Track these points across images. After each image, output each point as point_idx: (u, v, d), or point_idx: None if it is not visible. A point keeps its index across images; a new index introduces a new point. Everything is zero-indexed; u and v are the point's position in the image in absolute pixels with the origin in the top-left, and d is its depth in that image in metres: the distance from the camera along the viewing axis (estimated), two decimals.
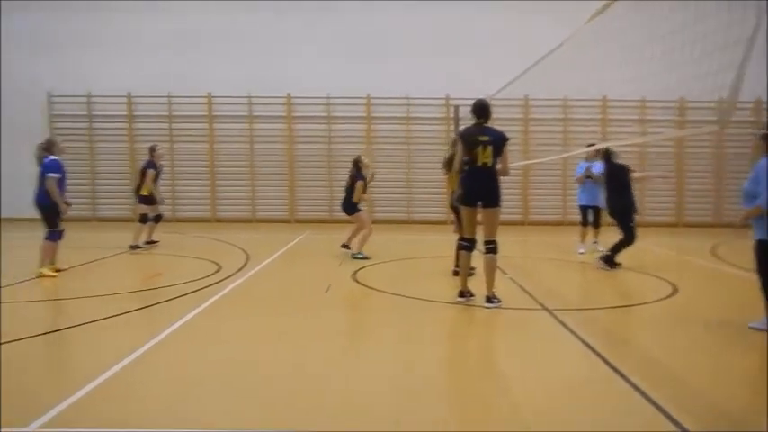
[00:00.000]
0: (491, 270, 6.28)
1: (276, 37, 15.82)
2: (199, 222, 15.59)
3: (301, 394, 3.81)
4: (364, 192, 9.69)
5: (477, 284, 6.55)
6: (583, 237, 10.43)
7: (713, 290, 7.73)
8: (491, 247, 6.27)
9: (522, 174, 15.78)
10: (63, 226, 8.17)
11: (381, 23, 15.70)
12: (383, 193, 15.61)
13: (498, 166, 6.28)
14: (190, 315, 5.76)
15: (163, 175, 16.16)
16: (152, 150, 11.06)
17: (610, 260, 8.54)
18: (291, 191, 16.18)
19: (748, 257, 5.38)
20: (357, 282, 7.66)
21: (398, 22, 15.67)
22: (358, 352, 4.90)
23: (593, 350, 4.76)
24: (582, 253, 10.24)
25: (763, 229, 5.15)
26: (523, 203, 16.06)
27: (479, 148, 6.16)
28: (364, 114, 16.05)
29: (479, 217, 6.34)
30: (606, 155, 8.84)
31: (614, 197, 8.67)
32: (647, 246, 11.13)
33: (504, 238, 6.61)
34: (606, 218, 9.35)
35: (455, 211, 7.52)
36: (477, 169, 6.20)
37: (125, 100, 15.93)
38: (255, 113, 16.09)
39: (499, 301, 6.24)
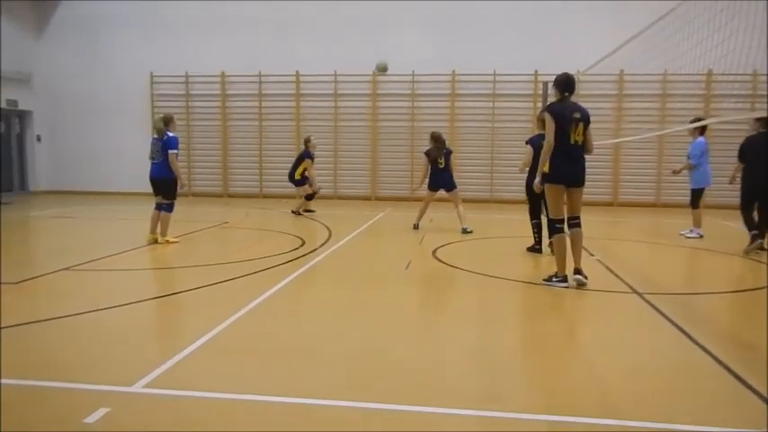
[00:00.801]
0: (580, 244, 6.08)
1: (368, 15, 15.78)
2: (287, 198, 15.97)
3: (382, 369, 3.78)
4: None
5: (547, 265, 6.30)
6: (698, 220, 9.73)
7: None
8: (578, 222, 6.10)
9: (613, 152, 15.06)
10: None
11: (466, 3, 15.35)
12: (467, 171, 15.36)
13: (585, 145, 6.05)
14: (276, 287, 5.88)
15: (250, 152, 16.79)
16: (307, 141, 12.67)
17: None
18: (374, 169, 16.24)
19: None
20: (437, 259, 7.57)
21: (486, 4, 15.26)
22: (439, 330, 4.82)
23: (689, 336, 4.45)
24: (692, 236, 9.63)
25: None
26: (614, 183, 15.34)
27: (572, 126, 5.88)
28: (449, 91, 15.80)
29: (565, 196, 6.10)
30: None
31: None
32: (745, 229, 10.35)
33: (591, 218, 6.31)
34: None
35: (531, 192, 7.21)
36: (570, 147, 5.92)
37: (218, 80, 16.48)
38: (340, 91, 16.20)
39: (586, 278, 5.96)
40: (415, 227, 10.14)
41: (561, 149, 5.93)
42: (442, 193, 10.07)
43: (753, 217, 8.18)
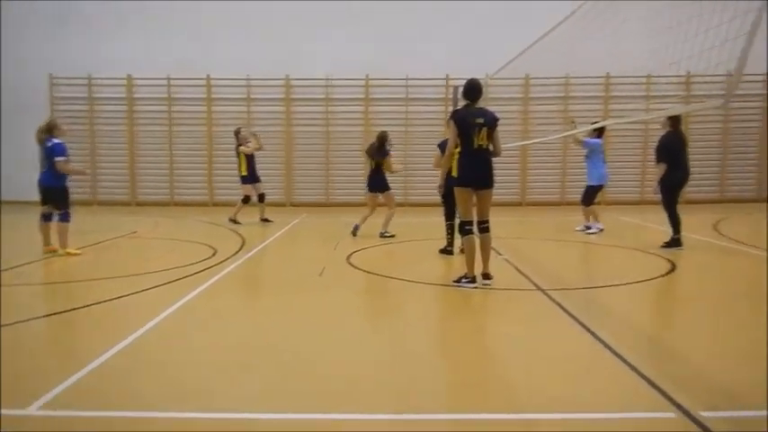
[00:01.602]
0: (488, 248, 6.28)
1: (273, 17, 15.60)
2: (197, 206, 15.52)
3: (296, 377, 3.73)
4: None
5: (459, 266, 6.48)
6: (594, 215, 10.31)
7: (716, 267, 7.63)
8: (486, 227, 6.27)
9: (520, 154, 15.63)
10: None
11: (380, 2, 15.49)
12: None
13: (491, 148, 6.22)
14: (185, 298, 5.69)
15: (160, 158, 16.17)
16: (237, 133, 11.98)
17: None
18: (288, 174, 16.08)
19: (752, 232, 5.28)
20: (351, 265, 7.58)
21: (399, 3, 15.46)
22: (351, 336, 4.82)
23: (588, 329, 4.67)
24: (593, 232, 10.17)
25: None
26: (522, 184, 15.92)
27: (475, 131, 6.07)
28: (363, 96, 15.89)
29: (474, 198, 6.29)
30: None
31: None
32: (647, 224, 11.03)
33: (500, 219, 6.52)
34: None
35: (445, 194, 7.39)
36: (473, 152, 6.12)
37: (124, 82, 15.80)
38: (253, 96, 15.94)
39: (491, 278, 6.23)
40: (354, 233, 9.79)
41: (466, 153, 6.14)
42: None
43: (678, 216, 8.36)
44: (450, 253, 8.11)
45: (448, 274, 6.87)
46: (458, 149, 6.19)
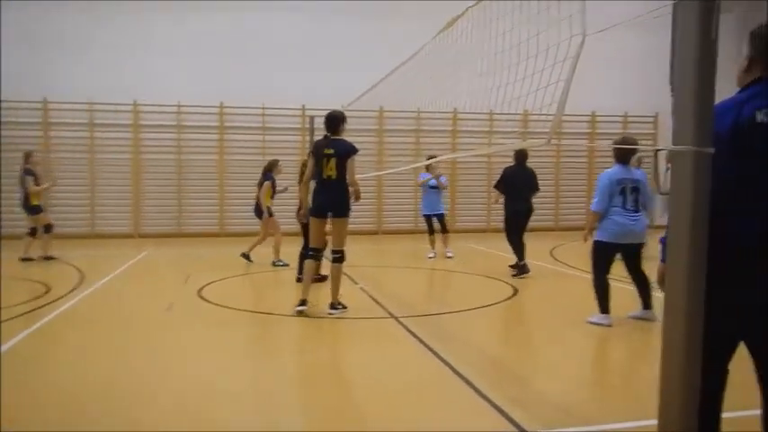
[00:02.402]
0: (336, 278, 6.33)
1: (118, 40, 14.75)
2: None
3: (145, 421, 3.43)
4: None
5: (326, 293, 6.47)
6: (432, 243, 10.86)
7: (552, 290, 8.21)
8: (338, 257, 6.30)
9: (376, 184, 15.99)
10: None
11: (236, 29, 15.27)
12: (236, 204, 15.07)
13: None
14: (11, 343, 5.06)
15: None
16: (27, 157, 10.53)
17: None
18: (136, 204, 15.12)
19: (583, 258, 5.76)
20: (202, 298, 7.23)
21: (254, 29, 15.33)
22: (200, 374, 4.54)
23: (437, 354, 4.81)
24: (431, 258, 10.64)
25: (598, 230, 5.83)
26: (378, 213, 16.27)
27: (324, 161, 6.18)
28: (217, 124, 15.45)
29: (328, 227, 6.34)
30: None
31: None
32: (491, 251, 11.70)
33: (358, 247, 6.57)
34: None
35: (302, 222, 7.53)
36: (323, 182, 6.26)
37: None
38: (97, 121, 14.88)
39: (344, 308, 6.31)
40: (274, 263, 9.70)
41: (317, 183, 6.34)
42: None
43: (521, 243, 8.83)
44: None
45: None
46: None
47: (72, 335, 5.67)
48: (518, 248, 8.82)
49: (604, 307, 5.79)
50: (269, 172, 9.99)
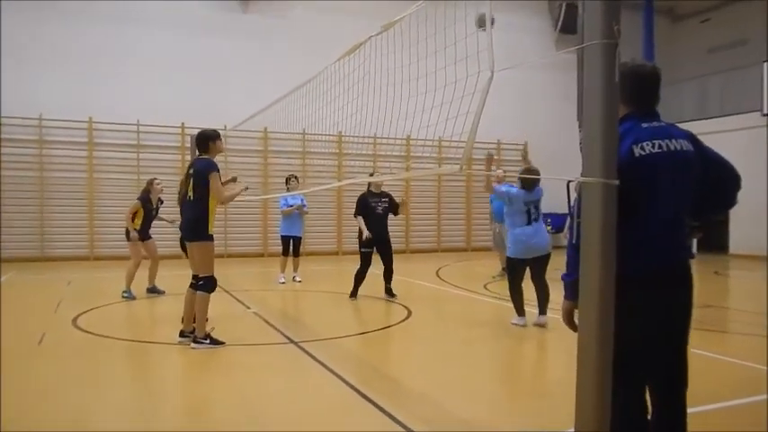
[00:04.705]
0: (197, 308, 5.82)
1: None
2: None
3: None
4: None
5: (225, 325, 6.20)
6: (283, 266, 10.58)
7: (442, 309, 8.49)
8: (199, 284, 5.85)
9: (262, 206, 15.69)
10: None
11: (111, 41, 14.45)
12: (107, 226, 14.12)
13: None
14: None
15: None
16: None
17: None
18: None
19: (465, 278, 5.97)
20: (79, 328, 6.66)
21: (131, 43, 14.60)
22: (85, 413, 4.16)
23: (340, 377, 4.79)
24: (282, 283, 10.40)
25: (509, 248, 6.68)
26: (263, 235, 15.95)
27: (188, 182, 5.96)
28: (86, 140, 14.42)
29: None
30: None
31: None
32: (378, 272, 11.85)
33: (244, 270, 6.36)
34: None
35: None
36: (184, 202, 6.05)
37: None
38: None
39: (213, 342, 5.80)
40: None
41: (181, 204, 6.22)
42: None
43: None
44: None
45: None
46: None
47: None
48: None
49: (519, 310, 6.73)
50: (146, 192, 9.20)
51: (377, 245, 8.68)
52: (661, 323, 2.57)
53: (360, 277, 8.79)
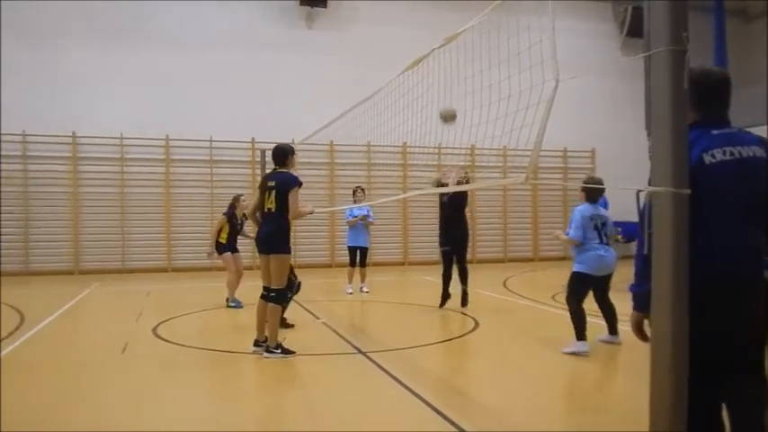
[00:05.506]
0: (268, 317, 5.96)
1: (59, 71, 14.35)
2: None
3: None
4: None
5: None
6: (350, 277, 10.69)
7: (510, 320, 8.36)
8: (271, 296, 6.00)
9: (329, 217, 15.95)
10: None
11: (184, 62, 15.14)
12: (183, 239, 14.76)
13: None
14: None
15: None
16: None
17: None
18: (76, 239, 14.53)
19: (533, 288, 5.89)
20: (159, 337, 6.99)
21: (203, 62, 15.24)
22: (164, 415, 4.38)
23: (409, 389, 4.82)
24: (350, 293, 10.50)
25: (577, 263, 6.14)
26: (331, 245, 16.21)
27: (266, 195, 6.11)
28: (163, 156, 15.14)
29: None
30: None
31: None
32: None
33: (311, 281, 6.47)
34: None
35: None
36: (263, 215, 6.18)
37: None
38: (31, 153, 14.32)
39: (285, 352, 5.92)
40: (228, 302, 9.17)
41: (260, 217, 6.28)
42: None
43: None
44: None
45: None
46: None
47: (17, 381, 5.36)
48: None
49: (581, 334, 5.95)
50: (231, 208, 9.61)
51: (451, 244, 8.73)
52: (728, 337, 2.49)
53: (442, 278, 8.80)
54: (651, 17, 2.52)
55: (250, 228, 8.43)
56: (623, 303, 2.66)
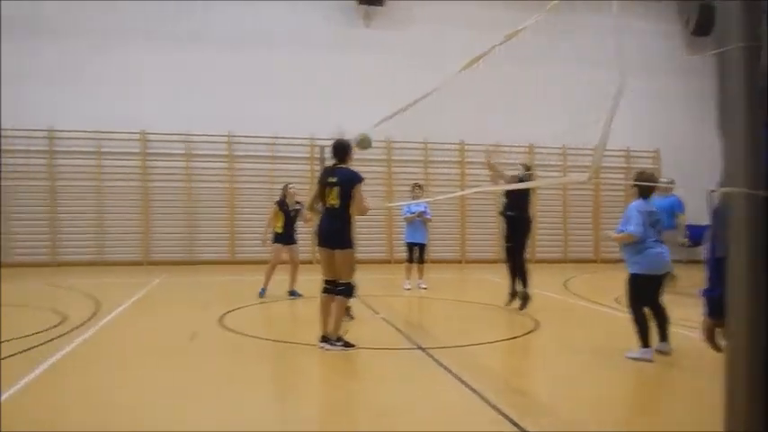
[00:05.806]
0: (334, 311, 6.07)
1: (129, 72, 15.00)
2: (37, 267, 14.06)
3: None
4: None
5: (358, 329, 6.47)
6: (408, 273, 10.75)
7: (570, 321, 8.25)
8: (339, 290, 6.10)
9: (386, 213, 16.09)
10: None
11: (246, 61, 15.54)
12: (246, 232, 15.18)
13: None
14: (33, 374, 5.05)
15: None
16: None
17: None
18: (146, 231, 15.19)
19: (594, 290, 5.79)
20: (225, 327, 7.25)
21: (263, 62, 15.61)
22: (232, 406, 4.57)
23: (469, 386, 4.84)
24: (408, 289, 10.56)
25: (634, 263, 5.78)
26: (388, 242, 16.32)
27: (327, 189, 6.14)
28: (226, 153, 15.62)
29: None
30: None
31: None
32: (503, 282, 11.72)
33: (368, 277, 6.55)
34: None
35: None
36: (326, 210, 6.20)
37: None
38: (104, 149, 15.05)
39: (345, 345, 6.03)
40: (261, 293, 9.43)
41: (323, 212, 6.27)
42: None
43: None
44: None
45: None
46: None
47: (95, 365, 5.68)
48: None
49: (646, 340, 5.74)
50: (282, 197, 9.87)
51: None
52: None
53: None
54: (721, 12, 2.47)
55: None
56: (689, 309, 2.61)
